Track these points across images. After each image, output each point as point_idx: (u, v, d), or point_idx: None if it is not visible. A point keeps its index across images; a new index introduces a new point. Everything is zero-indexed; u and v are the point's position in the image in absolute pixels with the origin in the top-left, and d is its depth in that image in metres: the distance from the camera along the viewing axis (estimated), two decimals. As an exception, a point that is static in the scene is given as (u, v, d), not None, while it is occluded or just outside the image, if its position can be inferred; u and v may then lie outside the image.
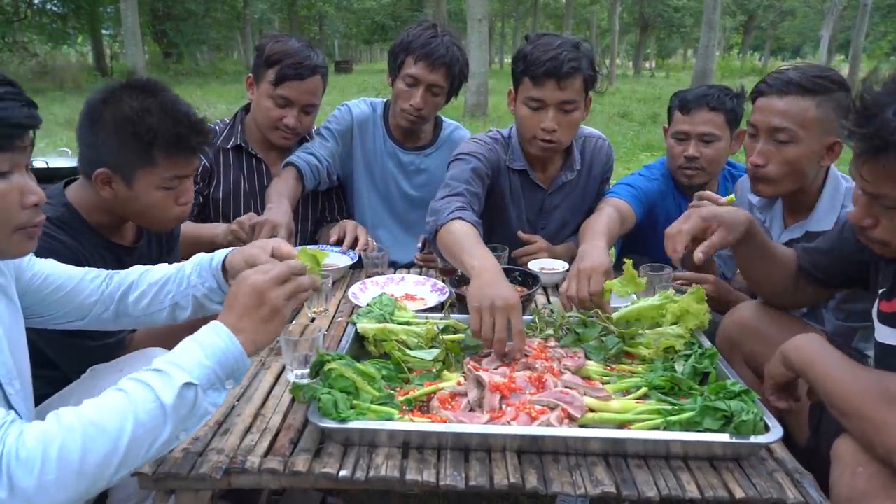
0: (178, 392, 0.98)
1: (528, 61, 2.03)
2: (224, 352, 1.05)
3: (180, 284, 1.39)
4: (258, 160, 2.38)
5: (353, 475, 1.13)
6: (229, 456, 1.16)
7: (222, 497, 1.48)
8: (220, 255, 1.39)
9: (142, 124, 1.47)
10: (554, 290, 2.09)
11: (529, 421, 1.23)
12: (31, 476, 0.88)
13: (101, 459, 0.92)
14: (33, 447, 0.89)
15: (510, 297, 1.45)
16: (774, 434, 1.17)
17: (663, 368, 1.41)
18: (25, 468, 0.88)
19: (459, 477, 1.13)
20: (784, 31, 46.32)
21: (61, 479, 0.89)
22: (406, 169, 2.54)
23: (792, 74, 1.77)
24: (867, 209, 1.24)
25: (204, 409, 1.02)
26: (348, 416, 1.20)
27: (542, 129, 2.07)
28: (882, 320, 1.35)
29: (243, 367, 1.08)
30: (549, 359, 1.45)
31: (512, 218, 2.32)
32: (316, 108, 2.36)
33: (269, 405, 1.35)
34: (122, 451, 0.94)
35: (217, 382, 1.04)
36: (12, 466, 0.88)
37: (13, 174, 1.04)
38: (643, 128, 12.18)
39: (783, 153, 1.78)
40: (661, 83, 25.65)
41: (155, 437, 0.97)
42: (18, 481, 0.87)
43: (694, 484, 1.13)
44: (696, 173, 2.26)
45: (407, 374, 1.42)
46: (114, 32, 29.49)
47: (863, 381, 1.15)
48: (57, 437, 0.91)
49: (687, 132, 2.24)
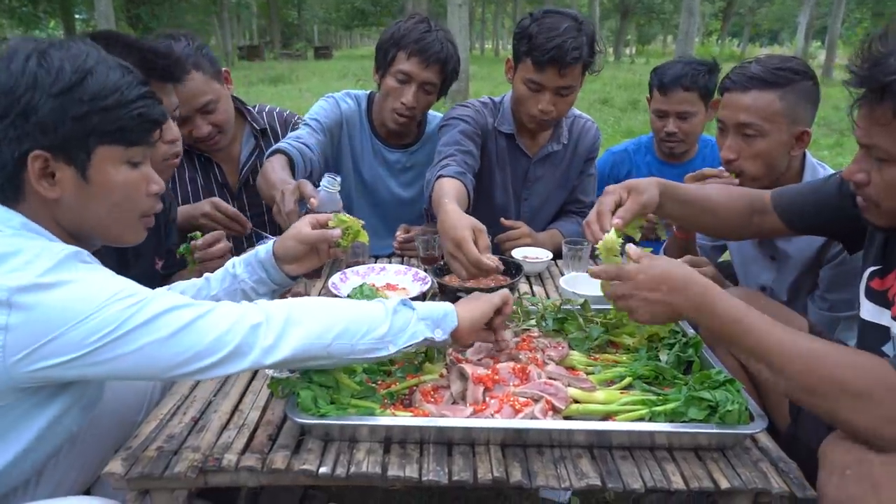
0: (397, 306, 1.20)
1: (532, 44, 2.03)
2: (440, 311, 1.24)
3: (223, 281, 1.40)
4: (207, 160, 2.27)
5: (333, 472, 1.10)
6: (205, 454, 1.13)
7: (199, 495, 1.44)
8: (266, 247, 1.43)
9: None
10: (537, 280, 2.07)
11: (513, 413, 1.21)
12: (284, 310, 1.11)
13: (334, 313, 1.15)
14: (256, 308, 1.11)
15: (468, 226, 1.56)
16: (759, 424, 1.17)
17: (647, 358, 1.40)
18: (278, 307, 1.12)
19: (442, 472, 1.11)
20: (762, 18, 46.66)
21: (307, 316, 1.12)
22: (392, 168, 2.45)
23: (754, 69, 1.79)
24: (860, 163, 1.23)
25: (414, 331, 1.19)
26: (328, 411, 1.17)
27: (539, 110, 2.12)
28: (869, 296, 1.35)
29: (449, 328, 1.23)
30: (532, 349, 1.43)
31: (497, 184, 2.33)
32: (216, 101, 2.09)
33: (246, 400, 1.32)
34: (351, 318, 1.14)
35: (429, 321, 1.21)
36: (267, 306, 1.13)
37: (143, 165, 1.18)
38: (624, 114, 12.20)
39: (752, 147, 1.81)
40: (642, 69, 25.63)
41: (373, 326, 1.15)
42: (274, 313, 1.10)
43: (679, 475, 1.11)
44: (675, 145, 2.57)
45: (388, 367, 1.39)
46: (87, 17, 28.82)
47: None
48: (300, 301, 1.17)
49: (665, 111, 2.51)
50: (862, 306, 1.36)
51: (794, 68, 1.78)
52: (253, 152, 2.33)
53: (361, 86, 14.83)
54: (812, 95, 1.80)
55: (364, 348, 1.14)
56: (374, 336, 1.15)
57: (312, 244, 1.42)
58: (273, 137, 2.37)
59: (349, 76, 18.24)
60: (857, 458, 1.07)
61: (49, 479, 1.23)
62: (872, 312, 1.33)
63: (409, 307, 1.21)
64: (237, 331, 1.06)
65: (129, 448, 1.14)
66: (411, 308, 1.21)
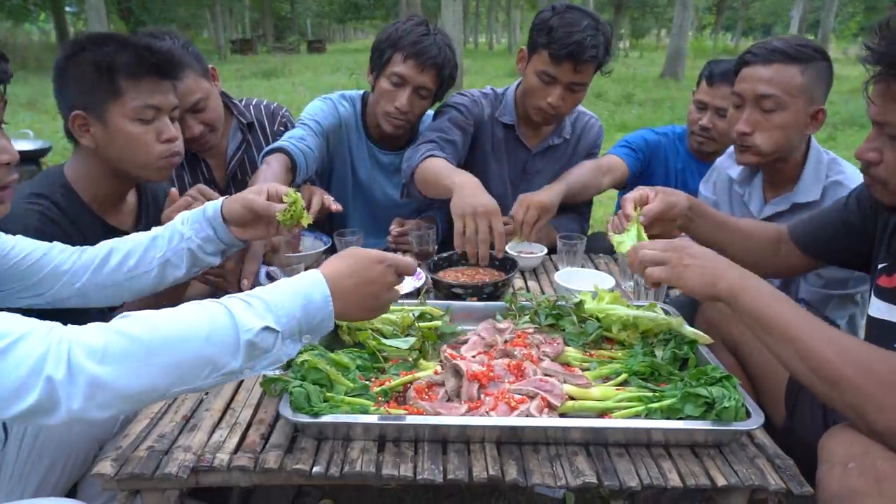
0: (259, 332, 0.96)
1: (552, 37, 2.03)
2: (316, 308, 1.03)
3: (171, 241, 1.39)
4: (193, 155, 2.23)
5: (326, 471, 1.09)
6: (196, 453, 1.11)
7: (191, 494, 1.43)
8: (214, 205, 1.40)
9: (99, 53, 1.46)
10: (531, 275, 2.06)
11: (509, 411, 1.20)
12: (94, 360, 0.86)
13: (164, 362, 0.90)
14: (97, 334, 0.88)
15: (489, 204, 1.64)
16: (756, 420, 1.16)
17: (643, 354, 1.39)
18: (87, 351, 0.86)
19: (437, 470, 1.09)
20: (755, 12, 46.64)
21: (124, 371, 0.88)
22: (386, 169, 2.42)
23: (777, 44, 1.79)
24: (873, 141, 1.23)
25: (276, 356, 1.00)
26: (321, 409, 1.15)
27: (548, 104, 2.11)
28: (879, 295, 1.34)
29: (326, 328, 1.07)
30: (527, 345, 1.42)
31: (493, 175, 2.32)
32: (205, 99, 2.06)
33: (238, 399, 1.30)
34: (187, 364, 0.92)
35: (297, 335, 1.02)
36: (73, 348, 0.86)
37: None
38: (618, 108, 12.19)
39: (770, 120, 1.79)
40: (636, 63, 25.65)
41: (221, 364, 0.94)
42: (79, 363, 0.85)
43: (675, 472, 1.11)
44: (705, 142, 2.44)
45: (382, 364, 1.38)
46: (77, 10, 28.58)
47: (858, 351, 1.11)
48: (124, 329, 0.90)
49: (706, 103, 2.39)
50: (871, 304, 1.35)
51: (814, 47, 1.80)
52: (240, 147, 2.30)
53: (355, 79, 14.76)
54: (828, 76, 1.82)
55: (213, 383, 0.96)
56: (221, 373, 0.95)
57: (257, 213, 1.42)
58: (260, 131, 2.34)
59: (342, 70, 18.14)
60: (860, 452, 1.06)
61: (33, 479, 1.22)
62: (882, 310, 1.32)
63: (272, 332, 0.98)
64: (31, 384, 0.84)
65: (119, 448, 1.12)
66: (274, 332, 0.98)
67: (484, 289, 1.72)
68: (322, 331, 1.07)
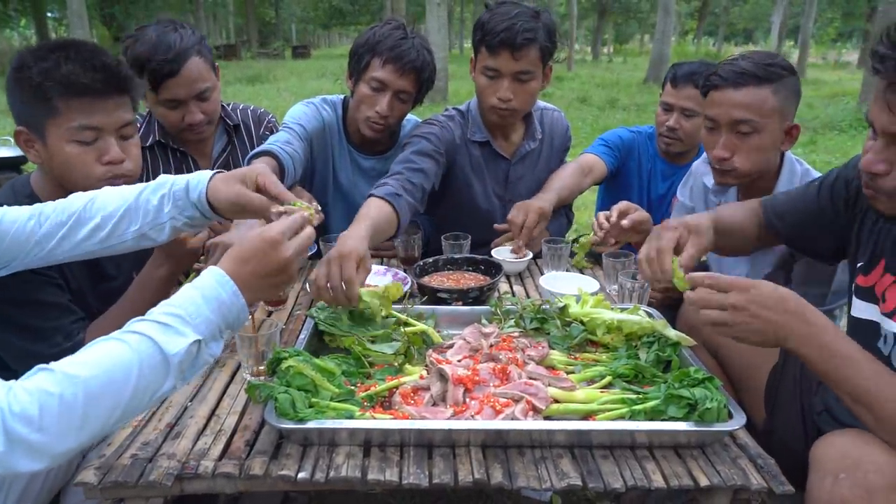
0: (184, 350, 0.97)
1: (484, 30, 2.04)
2: (228, 306, 1.04)
3: (146, 216, 1.31)
4: (182, 153, 2.21)
5: (312, 476, 1.08)
6: (181, 461, 1.11)
7: (176, 502, 1.42)
8: (197, 187, 1.30)
9: (37, 69, 1.38)
10: (517, 279, 2.07)
11: (494, 414, 1.20)
12: (31, 428, 0.84)
13: (103, 412, 0.90)
14: (29, 401, 0.85)
15: (343, 248, 1.51)
16: (738, 421, 1.17)
17: (627, 356, 1.41)
18: (23, 421, 0.84)
19: (423, 474, 1.10)
20: (736, 17, 47.21)
21: (63, 431, 0.87)
22: (367, 175, 2.40)
23: (744, 64, 1.77)
24: (882, 152, 1.18)
25: (204, 360, 1.02)
26: (306, 415, 1.15)
27: (497, 99, 2.10)
28: (858, 294, 1.36)
29: (243, 320, 1.08)
30: (512, 349, 1.43)
31: (477, 193, 2.31)
32: (211, 89, 2.09)
33: (223, 405, 1.29)
34: (124, 404, 0.92)
35: (217, 334, 1.03)
36: (8, 421, 0.83)
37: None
38: (602, 112, 12.28)
39: (747, 143, 1.79)
40: (619, 68, 25.86)
41: (156, 389, 0.96)
42: (17, 434, 0.84)
43: (659, 473, 1.12)
44: (673, 142, 2.48)
45: (368, 369, 1.38)
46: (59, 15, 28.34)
47: None
48: (55, 390, 0.87)
49: (672, 104, 2.43)
50: (853, 305, 1.37)
51: (781, 64, 1.79)
52: (225, 148, 2.30)
53: (340, 85, 14.76)
54: (797, 91, 1.82)
55: (153, 404, 0.99)
56: (158, 395, 0.97)
57: (252, 210, 1.33)
58: (246, 134, 2.34)
59: (327, 75, 18.13)
60: (852, 464, 1.06)
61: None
62: (862, 309, 1.34)
63: (195, 342, 0.99)
64: None
65: (103, 456, 1.11)
66: (196, 342, 0.99)
67: (469, 293, 1.73)
68: (241, 322, 1.08)
